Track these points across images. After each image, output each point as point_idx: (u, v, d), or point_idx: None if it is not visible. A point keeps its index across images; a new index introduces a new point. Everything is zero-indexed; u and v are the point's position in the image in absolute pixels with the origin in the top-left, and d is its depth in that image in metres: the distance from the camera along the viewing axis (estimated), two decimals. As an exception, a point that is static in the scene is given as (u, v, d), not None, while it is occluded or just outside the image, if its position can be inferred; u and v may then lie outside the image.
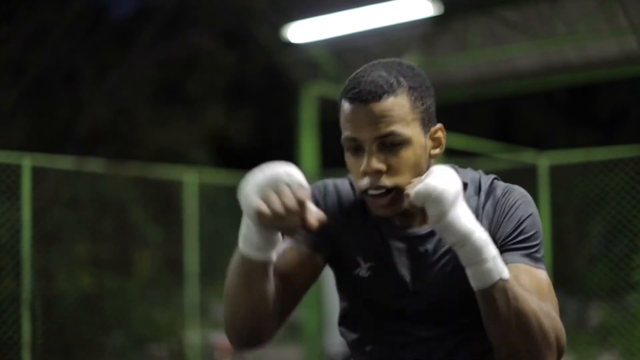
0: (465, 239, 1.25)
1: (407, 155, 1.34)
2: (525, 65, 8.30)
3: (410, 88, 1.35)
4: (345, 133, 1.36)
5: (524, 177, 7.35)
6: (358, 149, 1.35)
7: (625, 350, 5.96)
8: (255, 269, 1.30)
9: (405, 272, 1.43)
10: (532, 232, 1.38)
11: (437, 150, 1.42)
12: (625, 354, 5.95)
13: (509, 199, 1.42)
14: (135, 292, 7.70)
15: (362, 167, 1.33)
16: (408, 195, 1.25)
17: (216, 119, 12.41)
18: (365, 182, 1.34)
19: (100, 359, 7.00)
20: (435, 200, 1.22)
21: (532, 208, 1.43)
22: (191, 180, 7.46)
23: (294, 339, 10.18)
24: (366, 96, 1.32)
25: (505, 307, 1.25)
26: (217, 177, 8.53)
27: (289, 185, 1.22)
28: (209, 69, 11.82)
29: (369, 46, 8.40)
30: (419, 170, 1.35)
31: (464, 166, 1.59)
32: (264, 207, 1.20)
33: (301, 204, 1.22)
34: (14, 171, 5.56)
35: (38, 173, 5.81)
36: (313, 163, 8.65)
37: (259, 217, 1.21)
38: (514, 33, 7.56)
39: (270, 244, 1.28)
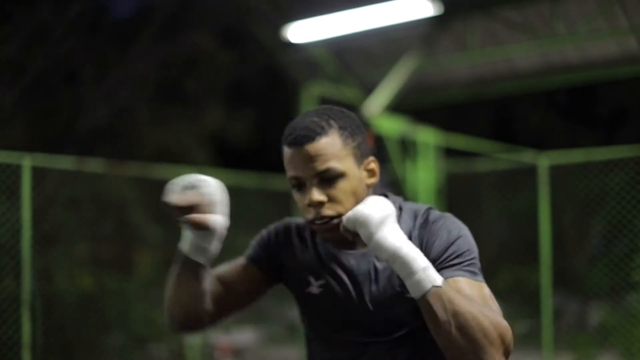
0: (395, 255, 1.42)
1: (344, 186, 1.52)
2: (525, 65, 8.30)
3: (340, 128, 1.53)
4: (289, 173, 1.54)
5: (524, 177, 7.36)
6: (302, 186, 1.54)
7: (625, 350, 5.96)
8: (186, 267, 1.58)
9: (353, 288, 1.60)
10: (464, 250, 1.53)
11: (372, 180, 1.60)
12: (625, 353, 5.95)
13: (438, 224, 1.57)
14: (135, 292, 7.70)
15: (306, 201, 1.52)
16: (342, 222, 1.47)
17: (216, 119, 12.40)
18: (311, 214, 1.53)
19: (100, 359, 7.00)
20: (362, 224, 1.43)
21: (462, 230, 1.57)
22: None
23: (294, 339, 10.17)
24: (301, 140, 1.51)
25: (442, 310, 1.39)
26: (217, 177, 8.52)
27: (192, 187, 1.52)
28: (209, 69, 11.82)
29: (369, 46, 8.41)
30: (357, 199, 1.54)
31: (463, 167, 1.71)
32: (168, 199, 1.50)
33: (192, 206, 1.51)
34: (14, 171, 5.56)
35: (38, 173, 5.81)
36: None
37: (165, 206, 1.50)
38: (514, 33, 7.56)
39: (200, 250, 1.57)
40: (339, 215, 1.51)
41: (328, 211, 1.51)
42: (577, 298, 8.46)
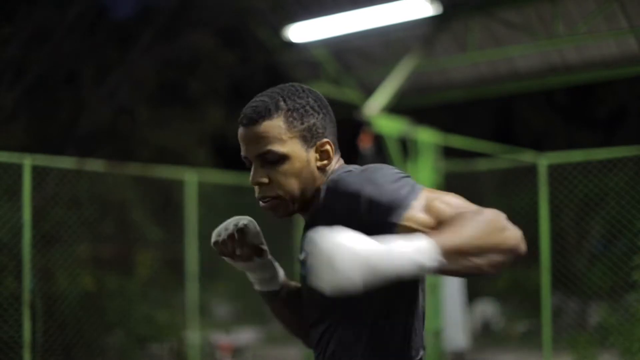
0: (392, 274, 1.24)
1: (286, 169, 1.53)
2: (525, 65, 8.31)
3: (288, 110, 1.53)
4: (241, 152, 1.59)
5: (524, 177, 7.37)
6: (251, 164, 1.58)
7: (624, 350, 5.96)
8: (268, 299, 1.74)
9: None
10: (383, 200, 1.37)
11: (324, 162, 1.56)
12: (625, 353, 5.96)
13: (338, 185, 1.45)
14: (136, 292, 7.71)
15: (250, 180, 1.57)
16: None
17: (216, 119, 12.42)
18: (256, 192, 1.58)
19: (101, 359, 7.01)
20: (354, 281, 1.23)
21: (364, 181, 1.40)
22: (191, 180, 7.48)
23: (294, 338, 10.18)
24: (246, 121, 1.54)
25: (456, 263, 1.27)
26: (217, 177, 8.54)
27: (234, 226, 1.63)
28: (210, 69, 11.83)
29: (369, 47, 8.42)
30: (302, 181, 1.54)
31: (463, 167, 1.69)
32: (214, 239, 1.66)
33: (235, 237, 1.63)
34: (16, 171, 5.58)
35: (39, 173, 5.82)
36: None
37: (214, 245, 1.66)
38: (513, 34, 7.57)
39: (264, 280, 1.71)
40: (279, 197, 1.54)
41: (268, 192, 1.54)
42: (577, 298, 8.48)
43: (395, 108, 7.88)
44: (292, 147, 1.52)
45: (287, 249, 9.08)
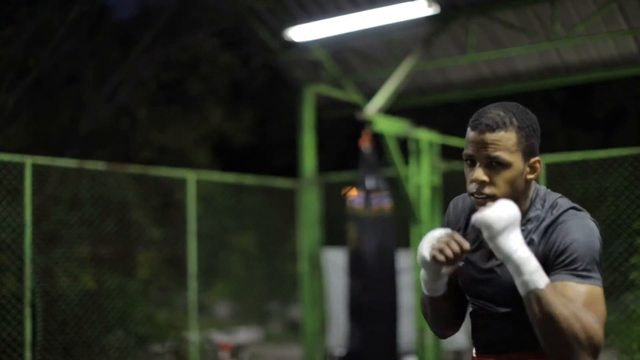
0: (508, 258, 1.71)
1: (506, 175, 1.80)
2: (525, 66, 8.33)
3: (519, 128, 1.81)
4: (466, 151, 1.85)
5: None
6: (472, 163, 1.84)
7: (622, 349, 5.99)
8: (434, 301, 1.96)
9: (480, 261, 1.93)
10: (577, 255, 1.75)
11: (532, 176, 1.87)
12: (623, 352, 5.98)
13: (563, 227, 1.81)
14: (136, 291, 7.73)
15: (472, 176, 1.82)
16: (471, 221, 1.76)
17: (217, 119, 12.44)
18: (472, 187, 1.83)
19: (102, 358, 7.03)
20: (487, 227, 1.71)
21: (583, 233, 1.78)
22: (192, 181, 7.51)
23: (294, 337, 10.21)
24: (484, 128, 1.80)
25: (538, 311, 1.66)
26: (218, 177, 8.57)
27: (451, 237, 1.77)
28: (210, 69, 11.85)
29: (369, 48, 8.45)
30: (513, 187, 1.82)
31: (462, 166, 1.93)
32: (438, 254, 1.76)
33: (463, 248, 1.76)
34: (17, 171, 5.60)
35: (40, 173, 5.85)
36: (313, 163, 8.68)
37: (435, 262, 1.77)
38: (513, 35, 7.59)
39: (439, 286, 1.90)
40: (493, 196, 1.80)
41: (487, 190, 1.81)
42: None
43: (395, 108, 7.90)
44: (515, 158, 1.80)
45: (288, 250, 9.10)
